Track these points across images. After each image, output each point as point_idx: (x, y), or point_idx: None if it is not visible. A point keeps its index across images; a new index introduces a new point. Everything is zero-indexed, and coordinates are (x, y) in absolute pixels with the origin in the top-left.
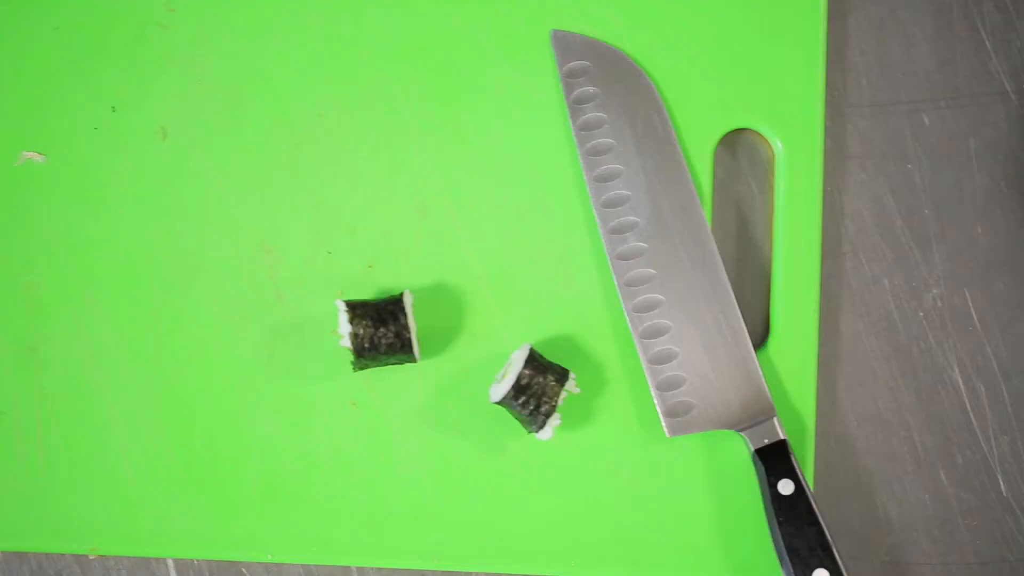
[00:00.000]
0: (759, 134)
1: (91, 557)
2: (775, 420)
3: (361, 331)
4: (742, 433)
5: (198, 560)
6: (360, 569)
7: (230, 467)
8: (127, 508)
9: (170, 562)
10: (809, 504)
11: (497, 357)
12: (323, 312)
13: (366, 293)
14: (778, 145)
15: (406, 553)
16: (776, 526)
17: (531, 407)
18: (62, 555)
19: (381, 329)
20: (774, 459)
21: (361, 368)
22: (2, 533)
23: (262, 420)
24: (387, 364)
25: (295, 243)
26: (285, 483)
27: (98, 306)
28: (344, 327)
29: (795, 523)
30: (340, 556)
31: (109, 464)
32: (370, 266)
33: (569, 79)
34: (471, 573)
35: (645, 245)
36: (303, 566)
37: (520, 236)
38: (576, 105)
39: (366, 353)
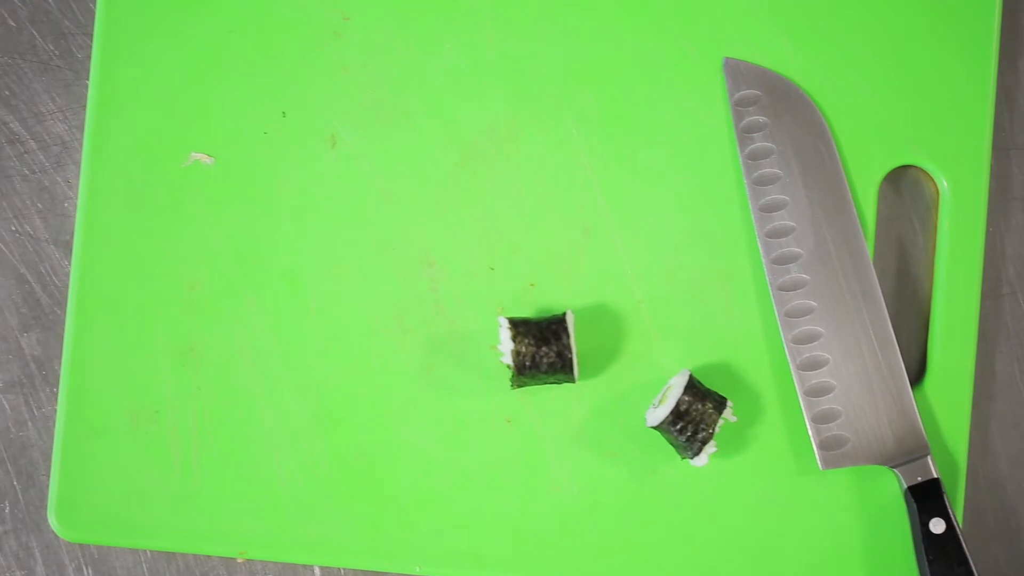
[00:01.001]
0: (924, 172)
1: (239, 561)
2: (929, 458)
3: (523, 349)
4: (895, 469)
5: (345, 568)
6: None
7: (382, 477)
8: (278, 513)
9: (317, 569)
10: (959, 544)
11: (653, 381)
12: (483, 327)
13: (526, 311)
14: (943, 184)
15: (553, 571)
16: (925, 564)
17: (688, 433)
18: (210, 557)
19: (543, 348)
20: (926, 497)
21: (519, 386)
22: (153, 532)
23: (416, 432)
24: (545, 383)
25: (459, 257)
26: (436, 496)
27: (258, 310)
28: (506, 344)
29: (945, 562)
30: (488, 570)
31: (261, 468)
32: (532, 284)
33: (739, 107)
34: None
35: (807, 277)
36: None
37: (682, 261)
38: (745, 134)
39: (527, 371)
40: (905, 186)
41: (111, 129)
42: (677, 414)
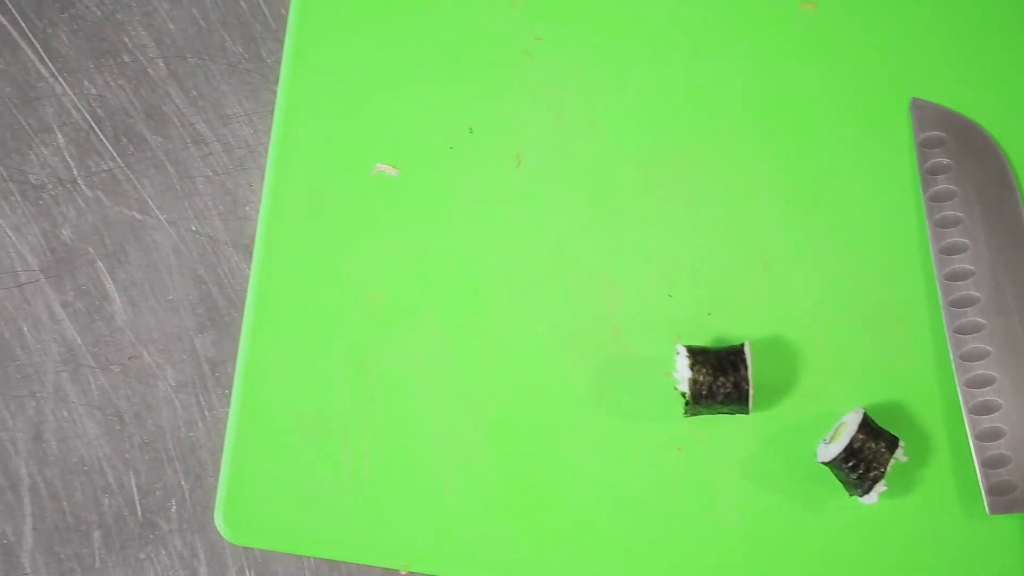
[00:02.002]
0: None
1: (402, 574)
2: None
3: (700, 378)
4: None
5: None
6: None
7: (548, 497)
8: (443, 527)
9: None
10: None
11: (825, 416)
12: (658, 353)
13: (702, 339)
14: None
15: None
16: None
17: (860, 471)
18: (372, 568)
19: (720, 378)
20: None
21: (692, 414)
22: (317, 540)
23: (585, 454)
24: (718, 413)
25: (637, 282)
26: (600, 519)
27: (434, 323)
28: (683, 372)
29: None
30: None
31: (429, 481)
32: (709, 313)
33: (924, 148)
34: None
35: (984, 321)
36: None
37: (859, 299)
38: (929, 175)
39: (702, 400)
40: None
41: (298, 135)
42: (850, 451)
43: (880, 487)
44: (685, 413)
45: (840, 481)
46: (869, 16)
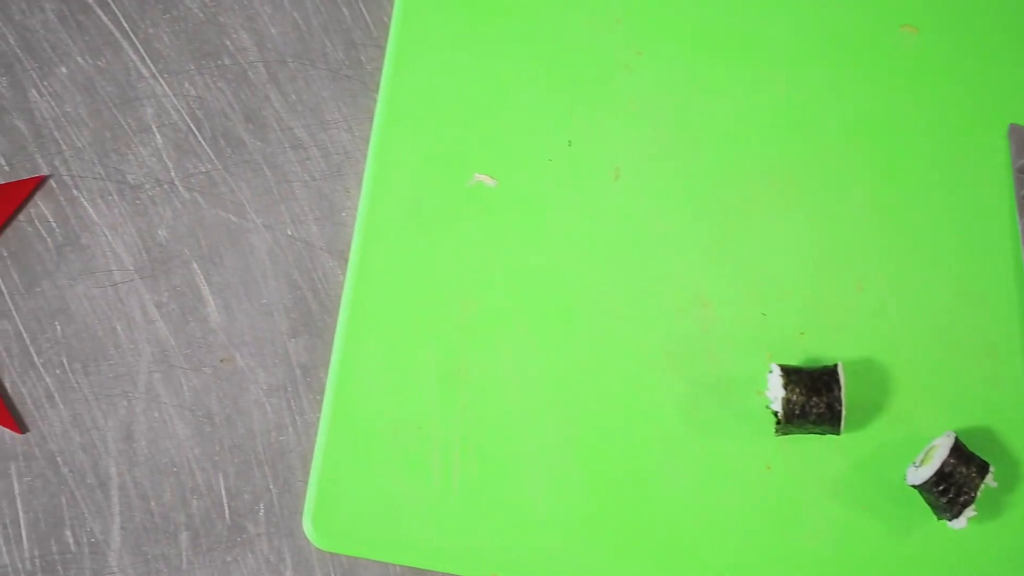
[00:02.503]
0: None
1: None
2: None
3: (794, 397)
4: None
5: None
6: None
7: (636, 511)
8: (530, 538)
9: None
10: None
11: (914, 439)
12: (750, 371)
13: (794, 359)
14: None
15: None
16: None
17: (950, 495)
18: None
19: (814, 398)
20: None
21: (783, 433)
22: (405, 547)
23: (674, 469)
24: (809, 433)
25: (731, 300)
26: (687, 534)
27: (528, 334)
28: (775, 391)
29: None
30: None
31: (518, 492)
32: (801, 333)
33: (1021, 175)
34: None
35: None
36: None
37: (952, 323)
38: None
39: (795, 420)
40: None
41: (397, 143)
42: (941, 475)
43: (970, 512)
44: (776, 432)
45: (929, 505)
46: (970, 41)
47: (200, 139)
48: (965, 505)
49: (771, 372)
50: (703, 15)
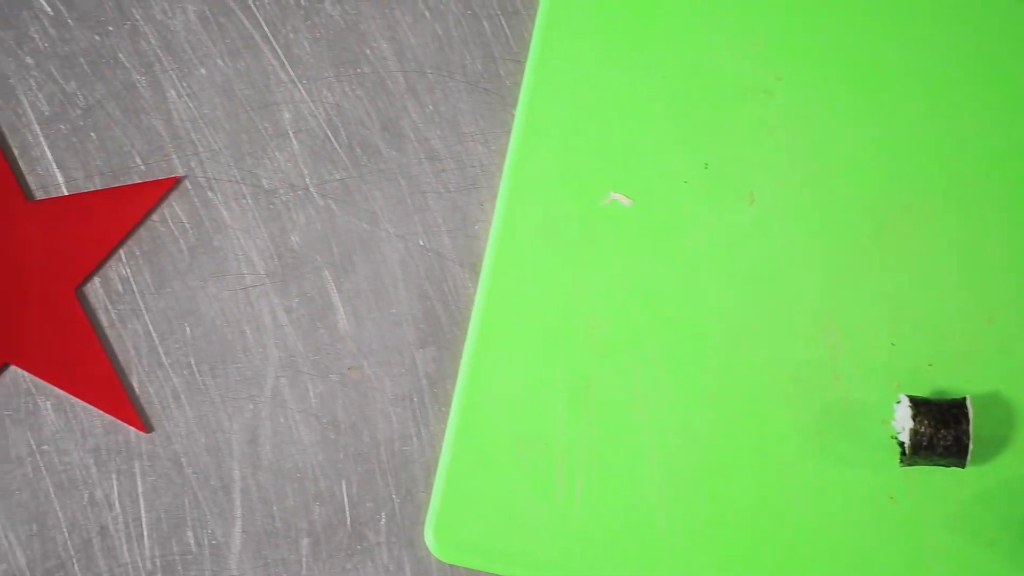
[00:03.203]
0: None
1: None
2: None
3: (922, 429)
4: None
5: None
6: None
7: (757, 533)
8: (652, 556)
9: None
10: None
11: None
12: (877, 401)
13: (922, 390)
14: None
15: None
16: None
17: None
18: None
19: (942, 431)
20: None
21: (908, 464)
22: (526, 562)
23: (796, 495)
24: (935, 465)
25: (860, 328)
26: (807, 561)
27: (655, 355)
28: (903, 422)
29: None
30: None
31: (641, 510)
32: (930, 364)
33: None
34: None
35: None
36: None
37: None
38: None
39: (922, 451)
40: None
41: (533, 159)
42: None
43: None
44: (901, 463)
45: None
46: None
47: (336, 146)
48: None
49: (899, 402)
50: (844, 40)
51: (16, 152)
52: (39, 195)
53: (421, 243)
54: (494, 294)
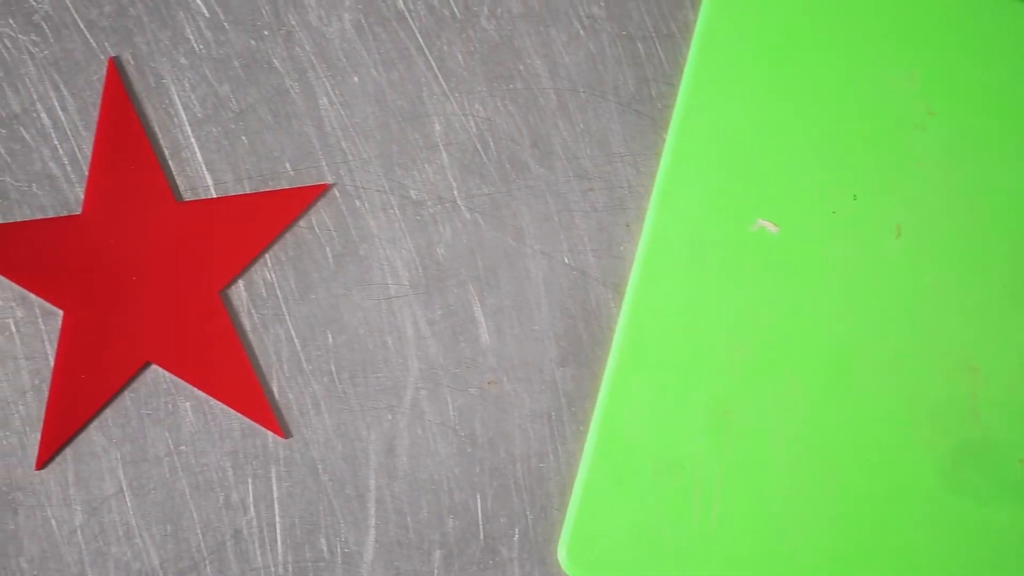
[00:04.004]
0: None
1: None
2: None
3: None
4: None
5: None
6: None
7: (888, 569)
8: None
9: None
10: None
11: None
12: (1015, 440)
13: None
14: None
15: None
16: None
17: None
18: None
19: None
20: None
21: None
22: None
23: (930, 531)
24: None
25: (1003, 366)
26: None
27: (797, 384)
28: None
29: None
30: None
31: (775, 537)
32: None
33: None
34: None
35: None
36: None
37: None
38: None
39: None
40: None
41: (682, 182)
42: None
43: None
44: None
45: None
46: None
47: (486, 160)
48: None
49: None
50: (1000, 77)
51: (167, 152)
52: (188, 196)
53: (566, 261)
54: (637, 315)
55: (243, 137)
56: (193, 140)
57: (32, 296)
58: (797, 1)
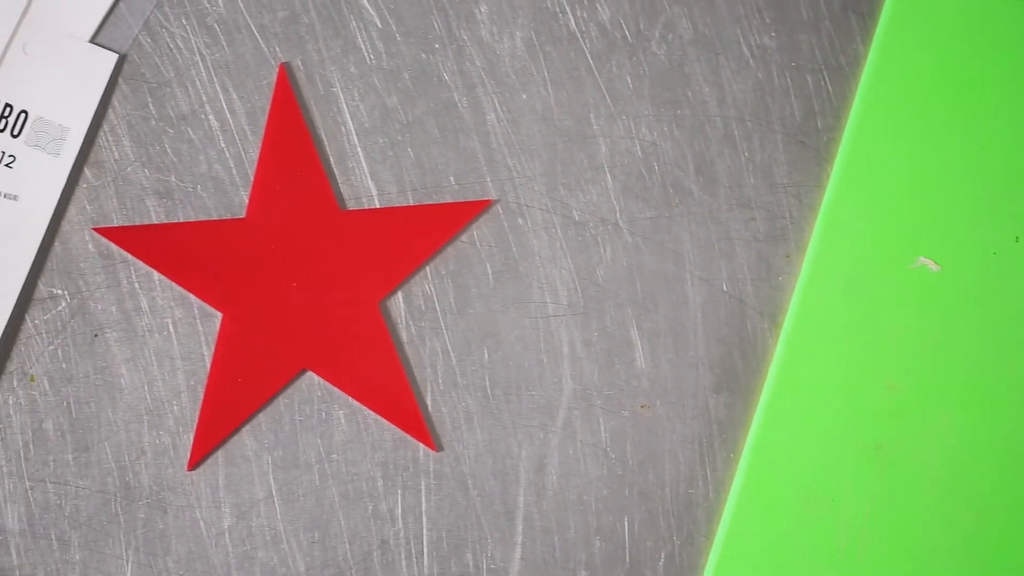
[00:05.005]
0: None
1: None
2: None
3: None
4: None
5: None
6: None
7: None
8: None
9: None
10: None
11: None
12: None
13: None
14: None
15: None
16: None
17: None
18: None
19: None
20: None
21: None
22: None
23: None
24: None
25: None
26: None
27: (953, 423)
28: None
29: None
30: None
31: (922, 573)
32: None
33: None
34: None
35: None
36: None
37: None
38: None
39: None
40: None
41: (844, 216)
42: None
43: None
44: None
45: None
46: None
47: (649, 184)
48: None
49: None
50: None
51: (332, 160)
52: (351, 205)
53: (724, 288)
54: (793, 347)
55: (409, 149)
56: (359, 149)
57: (192, 297)
58: (969, 40)
